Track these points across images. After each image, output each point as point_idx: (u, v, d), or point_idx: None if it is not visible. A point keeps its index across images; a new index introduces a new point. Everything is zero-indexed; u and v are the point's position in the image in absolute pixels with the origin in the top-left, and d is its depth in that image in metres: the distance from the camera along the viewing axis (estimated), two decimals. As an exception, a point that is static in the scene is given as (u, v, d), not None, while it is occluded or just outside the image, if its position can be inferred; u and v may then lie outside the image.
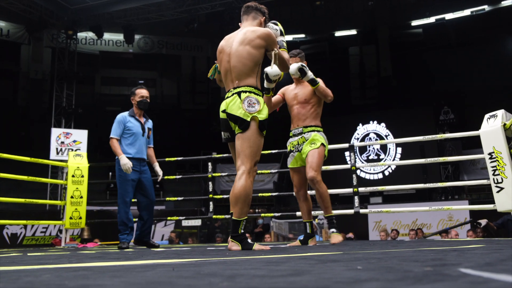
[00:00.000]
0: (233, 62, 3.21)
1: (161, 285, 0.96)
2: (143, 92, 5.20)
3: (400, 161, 14.04)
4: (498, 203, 4.61)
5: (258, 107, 3.10)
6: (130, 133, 5.09)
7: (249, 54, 3.18)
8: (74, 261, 2.07)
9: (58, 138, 11.90)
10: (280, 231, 11.57)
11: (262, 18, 3.46)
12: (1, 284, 1.05)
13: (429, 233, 9.17)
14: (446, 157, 9.39)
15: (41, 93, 18.24)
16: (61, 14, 14.17)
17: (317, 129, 4.16)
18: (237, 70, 3.20)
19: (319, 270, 1.22)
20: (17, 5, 13.35)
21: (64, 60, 15.01)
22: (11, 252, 4.23)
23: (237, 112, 3.09)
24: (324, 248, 3.18)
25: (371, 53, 19.38)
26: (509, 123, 4.51)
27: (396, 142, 13.10)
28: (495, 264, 1.31)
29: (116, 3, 13.69)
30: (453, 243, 3.63)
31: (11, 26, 17.11)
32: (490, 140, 4.62)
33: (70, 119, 14.56)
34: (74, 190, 6.28)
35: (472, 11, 17.22)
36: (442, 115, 15.05)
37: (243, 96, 3.10)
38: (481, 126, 4.79)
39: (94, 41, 18.20)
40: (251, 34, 3.22)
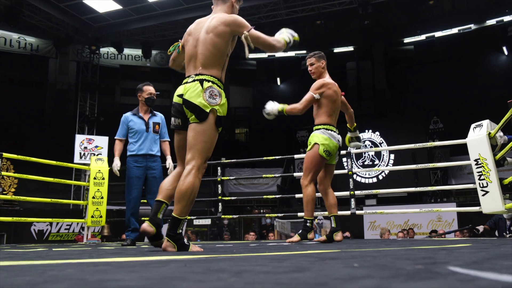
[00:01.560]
0: (200, 49, 2.81)
1: (174, 280, 0.95)
2: (150, 89, 4.96)
3: (393, 167, 14.00)
4: (484, 206, 4.59)
5: (219, 100, 2.69)
6: (133, 131, 4.89)
7: (213, 42, 2.77)
8: (95, 256, 2.07)
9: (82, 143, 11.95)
10: (283, 230, 11.55)
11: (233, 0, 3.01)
12: (29, 277, 1.05)
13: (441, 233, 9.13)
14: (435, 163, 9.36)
15: (66, 103, 18.34)
16: (85, 31, 14.27)
17: (318, 127, 4.04)
18: (203, 58, 2.79)
19: (318, 267, 1.21)
20: (46, 23, 13.46)
21: (88, 72, 15.10)
22: (38, 247, 4.24)
23: (196, 100, 2.66)
24: (323, 246, 3.17)
25: (367, 68, 19.40)
26: (493, 132, 4.49)
27: (389, 149, 13.05)
28: (482, 262, 1.29)
29: (135, 22, 13.78)
30: (442, 242, 3.61)
31: (40, 42, 17.24)
32: (476, 147, 4.61)
33: (92, 126, 14.63)
34: (95, 191, 6.30)
35: (460, 29, 17.23)
36: (432, 125, 15.01)
37: (206, 85, 2.70)
38: (468, 135, 4.78)
39: (115, 55, 18.30)
40: (215, 22, 2.82)
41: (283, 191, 15.12)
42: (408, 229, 10.31)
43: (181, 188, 2.57)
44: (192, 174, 2.59)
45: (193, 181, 2.58)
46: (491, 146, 4.51)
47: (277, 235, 11.26)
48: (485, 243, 3.01)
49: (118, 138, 4.92)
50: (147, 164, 4.79)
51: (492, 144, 4.52)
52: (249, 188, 16.16)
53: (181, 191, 2.57)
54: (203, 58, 2.79)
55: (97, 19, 13.77)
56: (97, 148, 11.92)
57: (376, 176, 14.73)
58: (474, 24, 16.99)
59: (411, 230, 10.27)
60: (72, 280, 0.96)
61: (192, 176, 2.59)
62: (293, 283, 0.88)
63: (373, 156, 15.01)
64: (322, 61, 4.11)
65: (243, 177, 14.75)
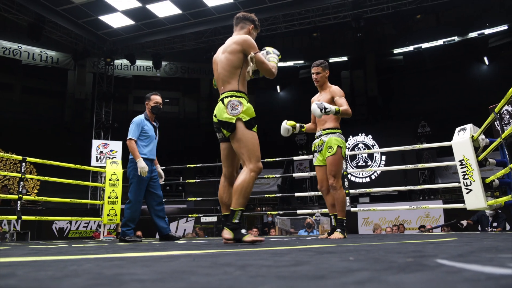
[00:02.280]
0: (219, 69, 2.99)
1: (184, 273, 0.95)
2: (157, 99, 4.87)
3: (384, 167, 13.97)
4: (468, 203, 4.59)
5: (241, 108, 2.82)
6: (146, 136, 4.75)
7: (228, 60, 2.92)
8: (111, 252, 2.07)
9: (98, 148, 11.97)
10: (283, 226, 11.52)
11: (251, 26, 3.16)
12: (51, 271, 1.05)
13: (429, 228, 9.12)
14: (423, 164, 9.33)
15: (84, 111, 18.38)
16: (101, 45, 14.32)
17: (333, 131, 4.00)
18: (221, 77, 2.96)
19: (317, 261, 1.21)
20: (66, 38, 13.51)
21: (103, 83, 15.13)
22: (59, 243, 4.25)
23: (223, 117, 2.85)
24: (322, 241, 3.16)
25: (360, 76, 19.40)
26: (476, 135, 4.49)
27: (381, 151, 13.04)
28: (467, 255, 1.29)
29: (147, 35, 13.83)
30: (430, 236, 3.60)
31: (60, 55, 17.31)
32: (461, 149, 4.61)
33: (107, 132, 14.65)
34: (110, 191, 6.31)
35: (445, 41, 17.27)
36: (420, 128, 15.00)
37: (226, 101, 2.86)
38: (453, 138, 4.78)
39: (128, 67, 18.35)
40: (229, 42, 2.99)
41: (283, 190, 15.09)
42: (398, 225, 10.29)
43: (235, 185, 2.78)
44: (244, 173, 2.78)
45: (244, 178, 2.76)
46: (474, 148, 4.51)
47: (278, 231, 11.23)
48: (469, 237, 3.01)
49: (135, 138, 4.67)
50: (151, 167, 4.74)
51: (475, 146, 4.52)
52: (252, 187, 16.11)
53: (234, 187, 2.78)
54: (222, 78, 2.95)
55: (112, 34, 13.81)
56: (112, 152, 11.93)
57: (369, 176, 14.70)
58: (457, 37, 17.05)
59: (402, 226, 10.26)
60: (90, 274, 0.96)
61: (244, 174, 2.78)
62: (293, 276, 0.88)
63: (366, 158, 14.98)
64: (327, 71, 4.15)
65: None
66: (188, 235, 10.82)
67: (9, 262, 1.40)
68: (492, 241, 2.15)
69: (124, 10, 12.15)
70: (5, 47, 16.36)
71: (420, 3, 11.75)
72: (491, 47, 16.92)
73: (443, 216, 10.64)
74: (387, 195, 13.03)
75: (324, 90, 4.12)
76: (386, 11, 12.01)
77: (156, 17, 12.59)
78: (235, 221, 2.72)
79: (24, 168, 5.40)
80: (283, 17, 12.62)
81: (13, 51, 16.51)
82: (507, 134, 3.70)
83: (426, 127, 14.87)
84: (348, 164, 5.44)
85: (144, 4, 11.76)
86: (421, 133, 14.83)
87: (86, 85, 18.62)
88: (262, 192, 15.24)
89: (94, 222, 10.17)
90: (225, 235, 2.73)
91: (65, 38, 13.52)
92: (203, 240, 5.19)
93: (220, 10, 12.25)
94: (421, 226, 10.03)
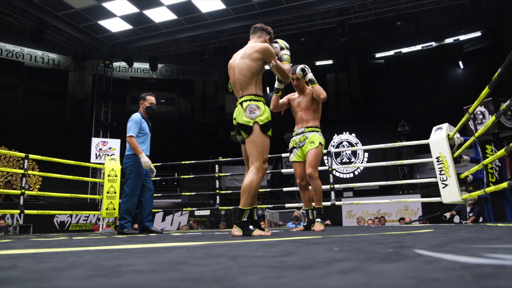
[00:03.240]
0: (236, 75, 2.95)
1: (179, 264, 0.95)
2: (152, 99, 4.78)
3: (367, 164, 14.05)
4: (444, 196, 4.63)
5: (258, 112, 2.82)
6: (144, 133, 4.65)
7: (248, 66, 2.90)
8: (110, 244, 2.06)
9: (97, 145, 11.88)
10: (273, 219, 11.54)
11: (267, 37, 3.15)
12: (52, 263, 1.04)
13: (410, 221, 9.19)
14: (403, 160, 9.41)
15: (84, 110, 18.23)
16: (100, 48, 14.19)
17: (316, 129, 3.97)
18: (239, 82, 2.93)
19: (304, 252, 1.21)
20: (66, 41, 13.37)
21: (102, 84, 15.01)
22: (60, 236, 4.21)
23: (241, 120, 2.85)
24: (308, 233, 3.17)
25: (344, 79, 19.49)
26: (451, 133, 4.53)
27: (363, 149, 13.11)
28: (442, 246, 1.30)
29: (143, 39, 13.73)
30: (408, 228, 3.63)
31: (61, 58, 17.13)
32: (437, 147, 4.65)
33: (106, 130, 14.53)
34: (109, 186, 6.27)
35: (423, 46, 17.43)
36: (400, 127, 15.11)
37: (245, 105, 2.85)
38: (430, 136, 4.82)
39: (126, 69, 18.21)
40: (250, 49, 2.96)
41: (272, 185, 15.13)
42: (380, 217, 10.37)
43: (243, 185, 2.79)
44: (251, 173, 2.78)
45: (252, 178, 2.76)
46: (450, 146, 4.56)
47: (267, 223, 11.25)
48: (445, 228, 3.03)
49: (135, 135, 4.55)
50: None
51: (450, 144, 4.56)
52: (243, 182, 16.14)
53: (242, 187, 2.78)
54: (240, 82, 2.93)
55: (111, 38, 13.69)
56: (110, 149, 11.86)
57: (353, 172, 14.78)
58: (435, 42, 17.22)
59: (383, 218, 10.33)
60: (90, 265, 0.95)
61: (251, 174, 2.78)
62: (282, 266, 0.88)
63: (350, 155, 15.06)
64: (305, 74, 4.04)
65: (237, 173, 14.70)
66: (183, 228, 10.79)
67: (12, 254, 1.38)
68: (466, 233, 2.18)
69: (122, 15, 12.04)
70: (9, 50, 16.15)
71: (401, 11, 11.82)
72: (465, 52, 17.11)
73: (421, 209, 10.74)
74: (369, 190, 13.11)
75: (304, 93, 4.08)
76: (368, 18, 12.07)
77: (153, 22, 12.50)
78: (244, 219, 2.75)
79: (27, 164, 5.33)
80: (273, 23, 12.62)
81: (16, 54, 16.30)
82: (480, 133, 3.74)
83: (405, 126, 14.98)
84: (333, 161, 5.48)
85: (141, 9, 11.67)
86: (401, 132, 14.94)
87: (86, 86, 18.47)
88: (253, 187, 15.23)
89: (93, 215, 10.10)
90: (235, 232, 2.74)
91: (66, 42, 13.38)
92: (197, 232, 5.18)
93: (213, 16, 12.21)
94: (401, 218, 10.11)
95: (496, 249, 1.13)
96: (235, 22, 12.54)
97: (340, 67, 19.36)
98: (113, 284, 0.67)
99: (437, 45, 17.28)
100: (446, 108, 14.61)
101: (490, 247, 1.19)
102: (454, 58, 17.40)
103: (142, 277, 0.74)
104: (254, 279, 0.70)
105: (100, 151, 11.83)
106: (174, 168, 15.15)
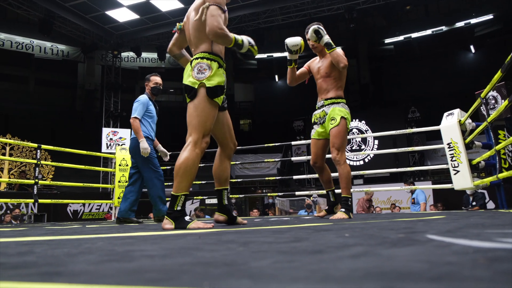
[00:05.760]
0: (191, 31, 2.45)
1: (190, 249, 0.96)
2: (157, 79, 4.51)
3: (377, 151, 13.98)
4: (455, 183, 4.59)
5: (208, 73, 2.29)
6: (151, 115, 4.37)
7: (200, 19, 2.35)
8: (122, 231, 2.08)
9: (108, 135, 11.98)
10: (283, 207, 11.59)
11: None
12: (67, 249, 1.05)
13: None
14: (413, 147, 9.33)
15: (93, 101, 18.35)
16: (108, 39, 14.21)
17: (337, 101, 3.38)
18: (193, 39, 2.43)
19: (315, 238, 1.22)
20: (75, 32, 13.41)
21: (111, 74, 15.06)
22: (73, 224, 4.27)
23: (186, 81, 2.35)
24: (318, 220, 3.17)
25: (353, 65, 19.29)
26: (463, 119, 4.47)
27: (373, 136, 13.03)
28: (455, 231, 1.30)
29: (151, 29, 13.72)
30: (419, 214, 3.62)
31: (70, 49, 17.20)
32: (449, 133, 4.60)
33: (116, 120, 14.63)
34: (120, 176, 6.32)
35: (433, 31, 17.13)
36: (410, 114, 14.96)
37: (194, 63, 2.34)
38: (441, 122, 4.76)
39: (134, 59, 18.23)
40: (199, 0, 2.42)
41: (282, 173, 15.16)
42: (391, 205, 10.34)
43: (176, 164, 2.22)
44: (187, 149, 2.24)
45: (187, 156, 2.22)
46: (461, 132, 4.50)
47: (278, 211, 11.30)
48: (456, 215, 3.02)
49: (140, 117, 4.24)
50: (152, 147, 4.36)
51: (462, 130, 4.51)
52: (253, 171, 16.18)
53: (176, 167, 2.22)
54: (193, 39, 2.44)
55: (118, 28, 13.70)
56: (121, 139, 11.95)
57: (363, 159, 14.72)
58: (445, 26, 16.91)
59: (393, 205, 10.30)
60: (103, 251, 0.97)
61: (187, 151, 2.24)
62: (293, 251, 0.88)
63: (360, 142, 14.99)
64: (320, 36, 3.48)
65: (247, 162, 14.77)
66: (193, 216, 10.89)
67: (27, 241, 1.41)
68: (478, 219, 2.16)
69: (129, 5, 12.03)
70: (18, 42, 16.25)
71: (410, -5, 11.64)
72: (477, 36, 16.82)
73: (432, 196, 10.68)
74: (379, 177, 13.06)
75: (325, 57, 3.53)
76: (377, 3, 11.89)
77: (160, 11, 12.46)
78: (178, 208, 2.18)
79: (40, 155, 5.40)
80: (280, 10, 12.51)
81: (26, 46, 16.40)
82: (492, 118, 3.69)
83: (416, 113, 14.84)
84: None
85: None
86: (411, 118, 14.80)
87: (95, 76, 18.55)
88: (263, 175, 15.29)
89: (106, 204, 10.22)
90: (165, 225, 2.19)
91: (74, 33, 13.43)
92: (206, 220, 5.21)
93: (220, 4, 12.13)
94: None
95: (509, 234, 1.12)
96: (242, 9, 12.45)
97: (348, 53, 18.83)
98: (126, 269, 0.68)
99: (447, 29, 16.98)
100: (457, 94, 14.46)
101: (503, 232, 1.18)
102: (465, 42, 17.13)
103: (154, 262, 0.75)
104: (265, 263, 0.70)
105: (111, 141, 11.94)
106: (184, 157, 15.23)
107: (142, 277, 0.59)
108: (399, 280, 0.51)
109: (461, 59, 17.64)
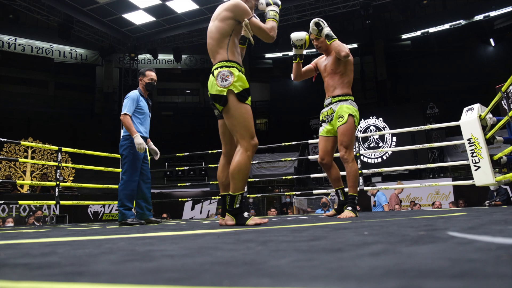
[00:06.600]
0: (208, 40, 2.61)
1: (210, 249, 0.96)
2: (152, 75, 4.35)
3: (395, 148, 13.79)
4: (476, 179, 4.51)
5: (232, 79, 2.44)
6: (142, 112, 4.22)
7: (217, 28, 2.55)
8: (142, 232, 2.11)
9: (126, 137, 12.08)
10: (301, 206, 11.55)
11: None
12: (88, 249, 1.07)
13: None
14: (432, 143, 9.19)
15: (112, 103, 18.61)
16: (125, 42, 14.40)
17: (344, 98, 3.39)
18: (210, 47, 2.60)
19: (333, 236, 1.21)
20: (93, 36, 13.64)
21: (129, 76, 15.25)
22: (94, 225, 4.34)
23: (213, 91, 2.50)
24: (337, 219, 3.15)
25: (370, 62, 19.11)
26: (483, 114, 4.39)
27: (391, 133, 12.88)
28: (477, 228, 1.27)
29: (167, 31, 13.85)
30: (440, 212, 3.56)
31: (88, 52, 17.51)
32: (469, 128, 4.52)
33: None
34: (139, 177, 6.36)
35: (451, 25, 16.82)
36: (428, 110, 14.74)
37: (216, 73, 2.50)
38: (461, 117, 4.68)
39: (151, 61, 18.42)
40: (219, 9, 2.58)
41: (299, 172, 15.10)
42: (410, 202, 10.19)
43: (231, 168, 2.43)
44: (239, 154, 2.43)
45: (240, 159, 2.41)
46: (482, 127, 4.42)
47: (296, 210, 11.27)
48: (478, 211, 2.96)
49: (130, 114, 4.10)
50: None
51: (482, 125, 4.42)
52: (270, 170, 16.18)
53: (231, 171, 2.44)
54: (211, 50, 2.61)
55: (135, 31, 13.87)
56: (139, 140, 12.06)
57: (381, 156, 14.57)
58: (463, 20, 16.59)
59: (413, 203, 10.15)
60: (124, 251, 0.98)
61: (239, 155, 2.43)
62: (312, 249, 0.88)
63: (378, 139, 14.83)
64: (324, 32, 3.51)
65: (264, 161, 14.76)
66: (212, 216, 10.93)
67: (50, 242, 1.44)
68: (501, 215, 2.12)
69: (145, 8, 12.17)
70: (38, 46, 16.62)
71: (427, -11, 11.45)
72: (497, 29, 16.45)
73: (453, 193, 10.50)
74: (398, 174, 12.90)
75: (331, 54, 3.53)
76: (393, -2, 11.75)
77: (175, 13, 12.57)
78: (236, 206, 2.43)
79: (60, 157, 5.50)
80: (295, 8, 12.46)
81: (46, 50, 16.76)
82: (514, 112, 3.60)
83: (434, 108, 14.60)
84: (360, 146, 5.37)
85: (163, 1, 11.75)
86: (430, 114, 14.58)
87: (113, 79, 18.82)
88: (280, 174, 15.27)
89: (125, 205, 10.34)
90: (228, 221, 2.44)
91: (92, 36, 13.65)
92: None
93: (235, 4, 12.17)
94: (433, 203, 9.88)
95: (534, 230, 1.09)
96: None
97: (365, 50, 18.97)
98: (146, 268, 0.68)
99: (466, 22, 16.65)
100: (477, 88, 14.19)
101: (527, 228, 1.15)
102: (485, 35, 16.76)
103: (174, 261, 0.76)
104: (284, 262, 0.70)
105: (129, 143, 12.07)
106: (202, 157, 15.29)
107: (162, 277, 0.60)
108: (420, 278, 0.51)
109: (481, 53, 17.28)
